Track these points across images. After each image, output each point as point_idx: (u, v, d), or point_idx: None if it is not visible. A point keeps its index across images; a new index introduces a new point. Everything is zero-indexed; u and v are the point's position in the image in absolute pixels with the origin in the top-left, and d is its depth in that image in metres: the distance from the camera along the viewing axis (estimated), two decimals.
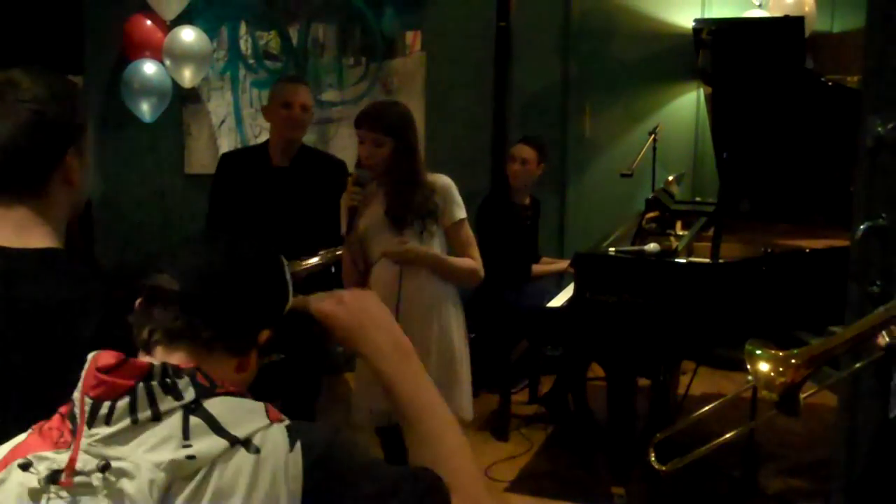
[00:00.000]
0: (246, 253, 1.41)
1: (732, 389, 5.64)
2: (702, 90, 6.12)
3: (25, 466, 1.24)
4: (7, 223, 1.72)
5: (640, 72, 6.62)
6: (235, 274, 1.37)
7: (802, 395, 2.02)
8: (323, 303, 1.49)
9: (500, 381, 5.25)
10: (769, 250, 4.36)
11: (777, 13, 6.02)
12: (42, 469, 1.23)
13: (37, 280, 1.68)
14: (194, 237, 1.45)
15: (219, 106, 6.17)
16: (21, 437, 1.33)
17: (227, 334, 1.37)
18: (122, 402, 1.24)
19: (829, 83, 4.64)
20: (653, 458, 2.28)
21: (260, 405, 1.32)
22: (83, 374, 1.29)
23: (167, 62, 5.69)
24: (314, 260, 3.68)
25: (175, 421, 1.24)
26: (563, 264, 5.58)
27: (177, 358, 1.33)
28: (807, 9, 6.00)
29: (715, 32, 4.74)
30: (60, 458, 1.23)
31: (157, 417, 1.24)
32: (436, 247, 3.47)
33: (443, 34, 6.34)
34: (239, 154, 4.60)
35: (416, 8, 6.29)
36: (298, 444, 1.27)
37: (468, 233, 3.55)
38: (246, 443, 1.24)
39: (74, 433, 1.26)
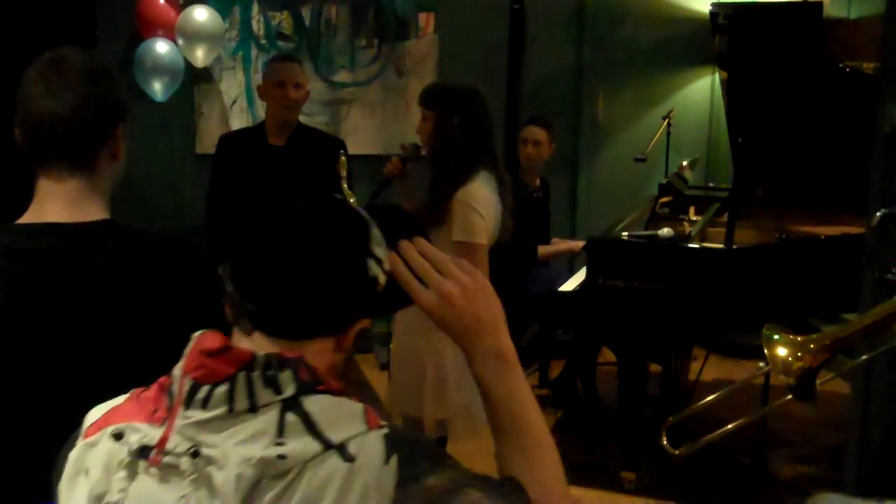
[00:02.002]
0: (331, 245, 1.30)
1: (744, 375, 5.63)
2: (716, 75, 6.10)
3: (118, 436, 1.23)
4: (58, 197, 1.72)
5: (654, 56, 6.58)
6: (319, 273, 1.28)
7: (817, 382, 2.01)
8: (431, 297, 1.36)
9: None
10: (783, 236, 4.34)
11: None
12: (133, 441, 1.22)
13: (100, 252, 1.69)
14: (272, 218, 1.32)
15: (230, 86, 6.14)
16: (118, 399, 1.32)
17: (322, 326, 1.31)
18: (221, 389, 1.21)
19: (847, 69, 4.60)
20: (665, 442, 2.27)
21: (360, 407, 1.25)
22: (186, 351, 1.26)
23: (180, 41, 5.67)
24: None
25: (271, 416, 1.20)
26: (570, 244, 5.54)
27: (277, 344, 1.28)
28: None
29: (731, 17, 4.72)
30: (153, 434, 1.22)
31: (253, 409, 1.20)
32: None
33: (456, 16, 6.31)
34: (236, 135, 4.60)
35: None
36: (395, 458, 1.20)
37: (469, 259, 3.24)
38: (341, 448, 1.19)
39: (170, 410, 1.24)
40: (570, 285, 4.86)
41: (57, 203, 1.72)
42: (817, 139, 4.74)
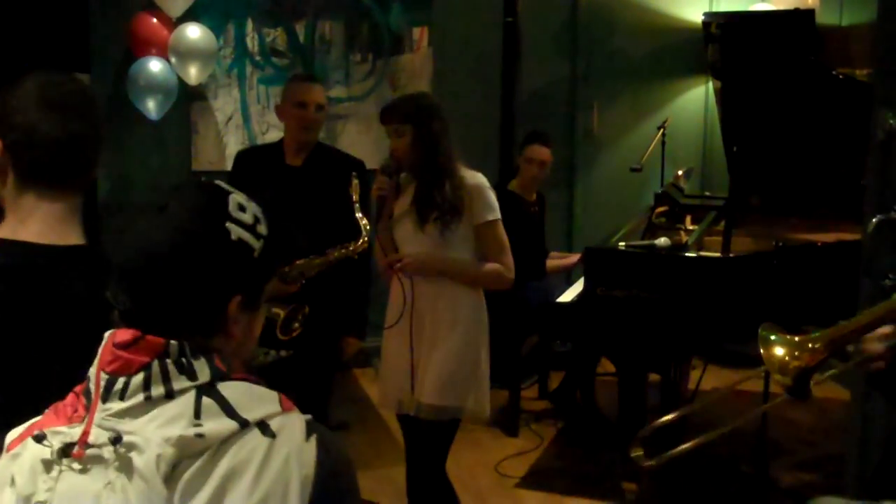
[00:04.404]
0: (183, 222, 1.32)
1: (743, 384, 5.62)
2: (710, 84, 6.12)
3: (39, 439, 1.27)
4: (40, 217, 1.74)
5: (648, 66, 6.61)
6: (180, 248, 1.30)
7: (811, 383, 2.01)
8: None
9: (509, 377, 5.23)
10: (780, 244, 4.35)
11: (781, 6, 6.00)
12: (56, 442, 1.25)
13: (70, 276, 1.70)
14: (123, 226, 1.37)
15: (226, 103, 6.14)
16: (38, 416, 1.35)
17: (192, 325, 1.32)
18: (137, 378, 1.26)
19: (840, 76, 4.62)
20: (638, 454, 2.27)
21: (274, 394, 1.32)
22: (100, 349, 1.30)
23: (173, 59, 5.67)
24: (321, 259, 3.57)
25: (188, 400, 1.25)
26: (572, 259, 5.54)
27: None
28: (810, 1, 5.98)
29: (724, 26, 4.73)
30: (74, 432, 1.26)
31: (170, 395, 1.25)
32: (457, 247, 3.32)
33: (450, 30, 6.32)
34: (254, 152, 4.55)
35: (423, 4, 6.27)
36: (315, 437, 1.28)
37: (497, 235, 3.36)
38: (262, 426, 1.25)
39: (89, 408, 1.27)
40: (567, 296, 4.86)
41: (38, 223, 1.73)
42: (812, 146, 4.75)
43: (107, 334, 1.32)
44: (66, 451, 1.25)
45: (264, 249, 1.38)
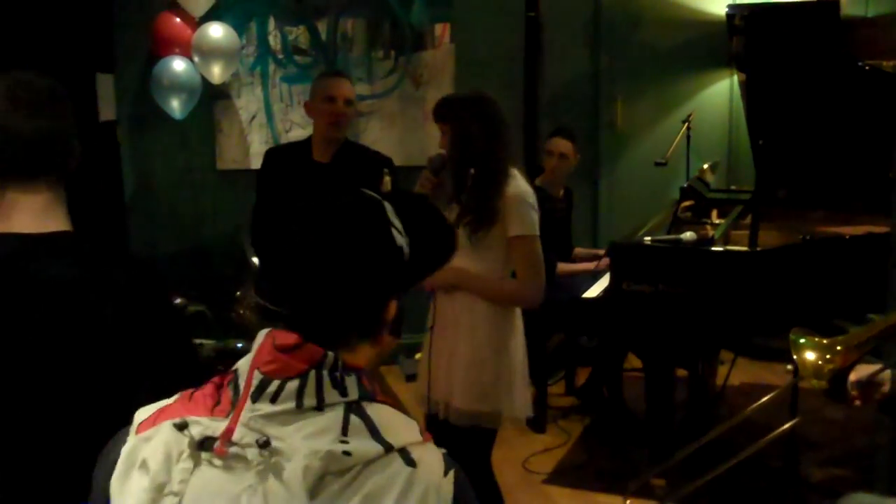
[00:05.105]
0: (352, 226, 1.35)
1: (771, 379, 5.59)
2: (735, 77, 6.08)
3: (181, 427, 1.25)
4: (26, 209, 1.78)
5: (672, 59, 6.57)
6: (340, 286, 1.33)
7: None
8: None
9: (536, 373, 5.19)
10: (808, 237, 4.31)
11: None
12: (196, 433, 1.24)
13: (55, 261, 1.75)
14: (287, 224, 1.38)
15: (249, 102, 6.15)
16: (167, 400, 1.34)
17: (354, 327, 1.37)
18: (292, 384, 1.25)
19: (866, 67, 4.57)
20: None
21: (414, 422, 1.32)
22: (256, 347, 1.30)
23: (196, 59, 5.68)
24: None
25: (336, 415, 1.25)
26: (589, 266, 5.48)
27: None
28: None
29: (748, 18, 4.70)
30: (216, 426, 1.25)
31: (320, 407, 1.25)
32: (484, 254, 3.20)
33: (472, 26, 6.30)
34: (282, 149, 4.56)
35: (444, 0, 6.26)
36: (452, 474, 1.27)
37: (525, 252, 3.21)
38: (403, 452, 1.24)
39: (235, 403, 1.27)
40: (593, 291, 4.84)
41: (22, 214, 1.78)
42: (838, 138, 4.70)
43: (263, 332, 1.32)
44: (204, 444, 1.23)
45: (412, 254, 1.40)
